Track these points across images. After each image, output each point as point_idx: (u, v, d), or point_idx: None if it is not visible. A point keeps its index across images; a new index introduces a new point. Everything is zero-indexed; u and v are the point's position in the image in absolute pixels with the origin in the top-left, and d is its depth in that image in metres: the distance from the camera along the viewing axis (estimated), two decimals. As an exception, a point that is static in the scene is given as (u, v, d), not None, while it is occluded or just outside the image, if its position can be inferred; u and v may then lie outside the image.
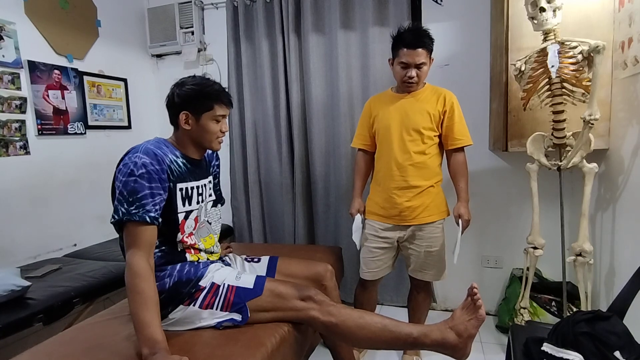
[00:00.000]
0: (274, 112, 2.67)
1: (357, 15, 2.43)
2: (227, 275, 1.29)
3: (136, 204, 1.13)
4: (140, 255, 1.12)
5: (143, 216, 1.12)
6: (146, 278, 1.10)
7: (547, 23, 1.66)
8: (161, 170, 1.19)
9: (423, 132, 1.68)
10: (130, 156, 1.19)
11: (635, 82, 1.62)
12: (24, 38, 2.14)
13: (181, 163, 1.29)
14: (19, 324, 1.51)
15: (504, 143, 2.01)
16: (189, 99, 1.28)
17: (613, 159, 1.84)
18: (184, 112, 1.28)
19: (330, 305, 1.25)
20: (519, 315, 1.97)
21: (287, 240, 2.70)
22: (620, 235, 1.79)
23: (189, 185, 1.30)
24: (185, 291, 1.23)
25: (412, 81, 1.64)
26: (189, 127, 1.29)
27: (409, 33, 1.60)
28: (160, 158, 1.20)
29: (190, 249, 1.30)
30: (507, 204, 2.36)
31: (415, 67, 1.62)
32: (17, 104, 2.09)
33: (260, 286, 1.24)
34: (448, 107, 1.70)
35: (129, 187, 1.14)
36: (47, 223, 2.27)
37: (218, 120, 1.32)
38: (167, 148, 1.28)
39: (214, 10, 2.84)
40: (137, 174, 1.15)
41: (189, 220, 1.30)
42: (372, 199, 1.83)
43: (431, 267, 1.77)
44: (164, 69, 3.01)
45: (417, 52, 1.58)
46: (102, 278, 1.89)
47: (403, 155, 1.69)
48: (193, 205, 1.31)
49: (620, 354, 1.01)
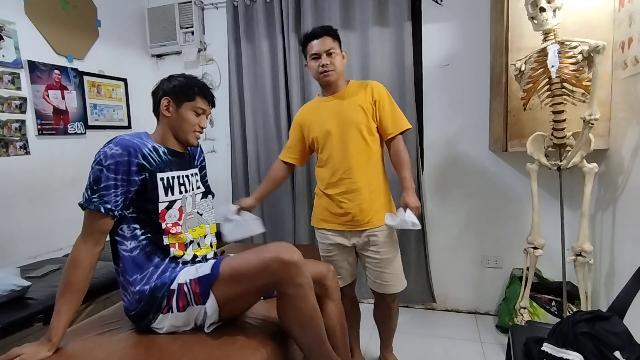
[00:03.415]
0: (274, 112, 2.67)
1: (357, 15, 2.43)
2: (190, 270, 1.26)
3: (97, 193, 1.18)
4: (88, 243, 1.20)
5: (98, 206, 1.18)
6: (81, 270, 1.17)
7: (547, 23, 1.66)
8: (130, 162, 1.19)
9: (361, 128, 1.62)
10: (106, 146, 1.21)
11: (635, 82, 1.62)
12: (24, 38, 2.14)
13: (162, 153, 1.30)
14: (19, 324, 1.52)
15: (504, 143, 2.01)
16: (174, 88, 1.32)
17: (613, 159, 1.84)
18: (166, 97, 1.31)
19: (301, 284, 1.19)
20: (519, 315, 1.97)
21: (287, 240, 2.70)
22: (620, 235, 1.79)
23: (170, 175, 1.30)
24: (160, 295, 1.21)
25: (328, 69, 1.60)
26: (168, 114, 1.32)
27: (313, 29, 1.65)
28: (134, 149, 1.21)
29: (174, 244, 1.28)
30: (507, 204, 2.37)
31: (326, 55, 1.59)
32: (17, 104, 2.09)
33: (216, 268, 1.22)
34: (377, 97, 1.65)
35: (95, 175, 1.19)
36: (47, 223, 2.27)
37: (198, 113, 1.33)
38: (146, 138, 1.29)
39: (214, 10, 2.84)
40: (105, 164, 1.18)
41: (172, 210, 1.29)
42: (320, 207, 1.74)
43: (390, 276, 1.69)
44: (164, 69, 3.02)
45: (323, 40, 1.59)
46: (102, 278, 1.89)
47: (347, 156, 1.63)
48: (176, 195, 1.31)
49: (620, 354, 1.01)
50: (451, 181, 2.47)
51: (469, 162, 2.42)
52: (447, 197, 2.49)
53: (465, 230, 2.48)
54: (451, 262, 2.52)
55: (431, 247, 2.51)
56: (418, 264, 2.50)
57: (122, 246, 1.24)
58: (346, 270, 1.75)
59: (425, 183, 2.47)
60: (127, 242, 1.24)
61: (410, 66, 2.38)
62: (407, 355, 1.96)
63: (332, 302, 1.52)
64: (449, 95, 2.42)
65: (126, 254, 1.24)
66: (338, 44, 1.64)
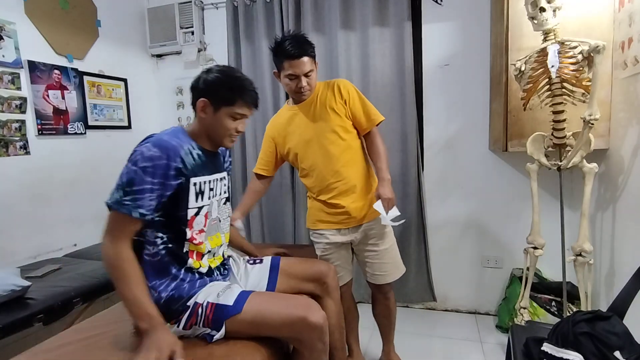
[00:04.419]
0: (274, 112, 2.64)
1: (357, 15, 2.43)
2: (211, 292, 1.24)
3: (131, 195, 1.10)
4: (118, 245, 1.11)
5: (130, 210, 1.10)
6: (133, 262, 1.11)
7: (547, 23, 1.66)
8: (169, 166, 1.14)
9: (337, 130, 1.61)
10: (143, 144, 1.15)
11: (635, 82, 1.62)
12: (24, 38, 2.14)
13: (196, 155, 1.23)
14: (19, 324, 1.51)
15: (504, 143, 2.01)
16: (212, 86, 1.21)
17: (613, 159, 1.84)
18: (203, 99, 1.22)
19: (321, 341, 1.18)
20: (519, 315, 1.97)
21: (287, 240, 2.70)
22: (620, 235, 1.79)
23: (202, 180, 1.24)
24: (174, 308, 1.20)
25: (304, 90, 1.58)
26: (204, 115, 1.24)
27: (288, 43, 1.51)
28: (173, 151, 1.15)
29: (193, 252, 1.25)
30: (507, 204, 2.37)
31: (304, 76, 1.55)
32: (17, 104, 2.09)
33: (241, 303, 1.18)
34: (346, 95, 1.63)
35: (130, 176, 1.10)
36: (47, 223, 2.27)
37: (236, 118, 1.25)
38: (184, 137, 1.23)
39: (214, 10, 2.84)
40: (141, 165, 1.10)
41: (199, 217, 1.25)
42: (314, 209, 1.74)
43: (389, 265, 1.72)
44: (164, 69, 3.02)
45: (301, 62, 1.51)
46: (102, 278, 1.88)
47: (331, 161, 1.62)
48: (205, 200, 1.26)
49: (620, 354, 1.01)
50: (451, 181, 2.47)
51: (469, 162, 2.42)
52: (447, 197, 2.49)
53: (465, 230, 2.48)
54: (451, 262, 2.52)
55: (431, 247, 2.51)
56: (418, 264, 2.50)
57: (145, 250, 1.22)
58: (344, 269, 1.75)
59: (425, 183, 2.47)
60: (149, 246, 1.21)
61: (410, 66, 2.38)
62: (407, 355, 1.96)
63: (331, 302, 1.52)
64: (449, 95, 2.42)
65: (147, 257, 1.22)
66: (314, 59, 1.58)
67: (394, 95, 2.42)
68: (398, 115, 2.43)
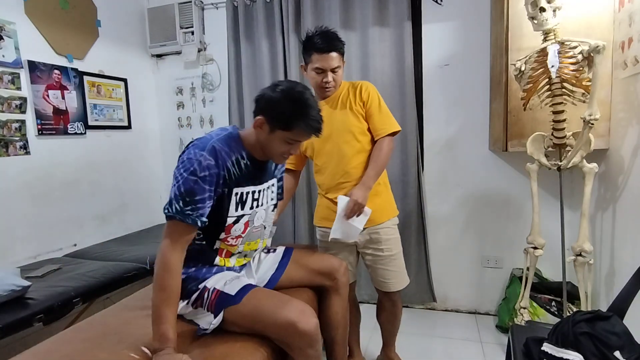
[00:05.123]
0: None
1: (357, 15, 2.43)
2: (220, 279, 1.26)
3: (192, 205, 1.11)
4: (177, 250, 1.13)
5: (195, 220, 1.12)
6: (175, 274, 1.12)
7: (547, 23, 1.66)
8: (219, 175, 1.16)
9: (354, 131, 1.62)
10: (197, 152, 1.14)
11: (635, 82, 1.62)
12: (24, 38, 2.14)
13: (244, 165, 1.23)
14: (19, 324, 1.52)
15: (504, 143, 2.01)
16: (273, 106, 1.17)
17: (613, 159, 1.84)
18: (261, 117, 1.19)
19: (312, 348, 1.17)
20: (519, 315, 1.97)
21: (287, 240, 2.70)
22: (620, 235, 1.79)
23: (245, 190, 1.25)
24: (188, 287, 1.24)
25: (329, 86, 1.59)
26: (260, 130, 1.21)
27: (319, 37, 1.53)
28: (222, 160, 1.16)
29: (223, 251, 1.28)
30: (507, 204, 2.37)
31: (331, 72, 1.56)
32: (17, 104, 2.09)
33: (241, 295, 1.19)
34: (365, 97, 1.63)
35: (189, 186, 1.11)
36: (47, 223, 2.27)
37: (290, 143, 1.21)
38: (235, 145, 1.22)
39: (214, 10, 2.84)
40: (200, 175, 1.11)
41: (238, 224, 1.26)
42: (322, 207, 1.74)
43: (393, 273, 1.70)
44: (164, 69, 3.02)
45: (330, 57, 1.53)
46: (102, 278, 1.89)
47: (343, 160, 1.62)
48: (246, 210, 1.27)
49: (620, 354, 1.01)
50: (451, 181, 2.47)
51: (469, 162, 2.42)
52: (447, 197, 2.49)
53: (465, 230, 2.48)
54: (451, 262, 2.52)
55: (431, 247, 2.51)
56: (418, 264, 2.50)
57: None
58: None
59: (425, 183, 2.47)
60: None
61: (410, 66, 2.38)
62: (407, 355, 1.96)
63: (339, 298, 1.52)
64: (449, 95, 2.42)
65: None
66: (342, 56, 1.60)
67: (394, 95, 2.42)
68: (398, 115, 2.42)
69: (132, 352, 1.12)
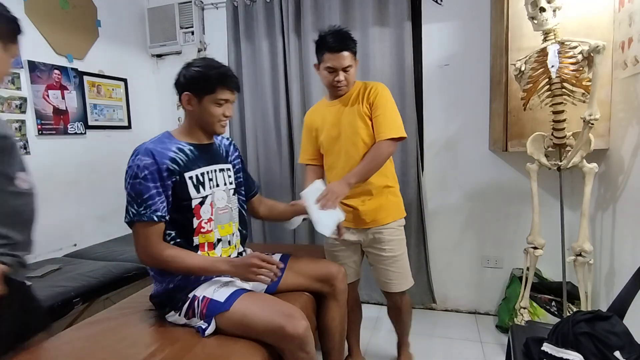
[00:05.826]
0: (274, 112, 2.67)
1: (357, 15, 2.43)
2: (210, 287, 1.28)
3: (144, 205, 1.20)
4: (156, 244, 1.23)
5: (151, 216, 1.20)
6: (170, 248, 1.25)
7: (547, 23, 1.66)
8: (160, 169, 1.22)
9: (361, 133, 1.61)
10: (134, 158, 1.23)
11: (635, 82, 1.62)
12: (24, 38, 2.12)
13: (188, 150, 1.31)
14: (19, 324, 1.51)
15: (504, 143, 2.01)
16: (192, 80, 1.28)
17: (613, 159, 1.84)
18: (186, 93, 1.29)
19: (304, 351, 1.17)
20: (519, 315, 1.97)
21: (287, 240, 2.70)
22: (620, 235, 1.79)
23: (197, 172, 1.31)
24: (177, 297, 1.27)
25: (341, 85, 1.60)
26: (191, 108, 1.31)
27: (331, 37, 1.54)
28: (159, 157, 1.23)
29: (204, 245, 1.31)
30: (507, 204, 2.37)
31: (342, 71, 1.57)
32: (17, 104, 2.09)
33: (231, 302, 1.21)
34: (372, 99, 1.62)
35: (136, 189, 1.21)
36: (47, 223, 2.26)
37: (220, 104, 1.30)
38: (169, 141, 1.30)
39: (214, 10, 2.84)
40: (141, 176, 1.20)
41: (205, 206, 1.32)
42: None
43: (395, 274, 1.70)
44: (164, 69, 3.02)
45: (342, 56, 1.54)
46: (102, 278, 1.89)
47: (349, 161, 1.62)
48: (207, 190, 1.33)
49: (620, 354, 1.01)
50: (451, 181, 2.47)
51: (469, 162, 2.42)
52: (447, 197, 2.49)
53: (465, 230, 2.48)
54: (451, 262, 2.52)
55: (431, 247, 2.51)
56: (418, 264, 2.50)
57: None
58: (350, 268, 1.75)
59: (425, 183, 2.47)
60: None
61: (410, 66, 2.38)
62: (407, 355, 1.96)
63: (336, 304, 1.52)
64: (449, 95, 2.42)
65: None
66: (354, 56, 1.60)
67: (393, 96, 2.35)
68: (398, 115, 2.43)
69: (132, 352, 1.12)
